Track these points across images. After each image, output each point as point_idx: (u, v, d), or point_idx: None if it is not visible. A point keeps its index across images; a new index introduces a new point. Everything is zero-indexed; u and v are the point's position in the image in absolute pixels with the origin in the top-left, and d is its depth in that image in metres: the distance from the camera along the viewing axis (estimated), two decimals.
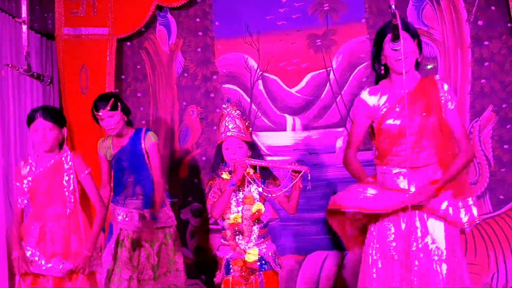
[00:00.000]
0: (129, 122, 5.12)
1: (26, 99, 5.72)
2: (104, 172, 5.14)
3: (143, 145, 5.01)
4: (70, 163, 4.15)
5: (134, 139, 5.04)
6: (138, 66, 6.18)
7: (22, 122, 5.59)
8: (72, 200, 4.13)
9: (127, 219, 4.94)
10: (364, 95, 3.94)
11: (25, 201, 4.15)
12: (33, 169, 4.16)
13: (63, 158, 4.16)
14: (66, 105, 5.94)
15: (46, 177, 4.14)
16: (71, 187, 4.13)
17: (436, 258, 3.68)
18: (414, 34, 3.80)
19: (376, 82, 3.97)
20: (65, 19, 6.01)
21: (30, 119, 4.15)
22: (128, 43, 6.20)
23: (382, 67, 3.84)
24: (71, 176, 4.13)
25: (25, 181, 4.15)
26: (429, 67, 5.36)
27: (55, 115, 4.19)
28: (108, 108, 4.94)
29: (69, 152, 4.20)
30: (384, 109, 3.82)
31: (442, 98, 3.74)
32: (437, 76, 3.93)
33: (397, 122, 3.76)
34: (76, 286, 4.13)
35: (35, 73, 4.43)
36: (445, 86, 3.78)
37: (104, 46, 6.02)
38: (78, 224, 4.16)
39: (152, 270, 4.97)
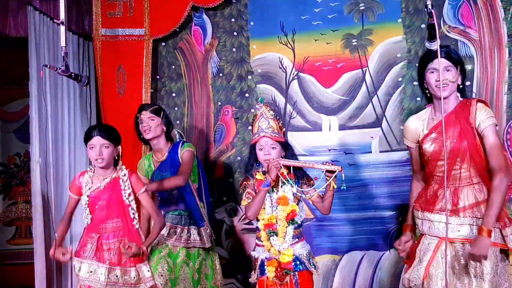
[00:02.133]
0: (169, 137, 5.19)
1: (63, 99, 5.79)
2: None
3: (180, 156, 5.05)
4: (127, 181, 4.28)
5: (172, 152, 5.09)
6: (173, 66, 6.21)
7: (59, 122, 5.68)
8: (136, 216, 4.29)
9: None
10: (409, 119, 4.13)
11: (90, 216, 4.28)
12: (90, 186, 4.27)
13: (120, 176, 4.29)
14: (103, 106, 6.00)
15: (103, 194, 4.26)
16: (133, 203, 4.28)
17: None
18: (457, 62, 3.87)
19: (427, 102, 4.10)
20: (102, 20, 6.07)
21: (88, 137, 4.25)
22: (163, 43, 6.24)
23: (428, 92, 3.96)
24: (129, 192, 4.27)
25: (85, 198, 4.26)
26: (466, 67, 5.30)
27: (111, 133, 4.31)
28: (151, 109, 5.04)
29: (126, 171, 4.31)
30: (422, 134, 3.96)
31: (473, 121, 3.79)
32: (475, 99, 3.99)
33: (432, 147, 3.90)
34: None
35: (72, 74, 4.47)
36: (479, 107, 3.80)
37: (141, 46, 6.06)
38: (136, 237, 4.28)
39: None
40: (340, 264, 5.64)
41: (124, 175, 4.29)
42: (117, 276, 4.19)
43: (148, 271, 4.26)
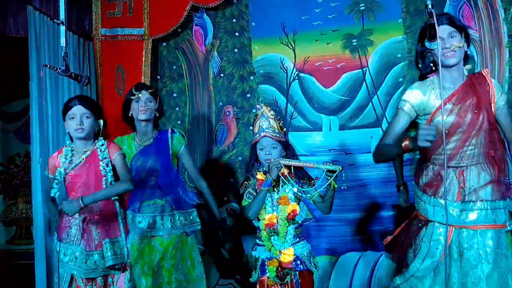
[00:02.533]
0: (157, 124, 5.12)
1: (63, 99, 5.77)
2: None
3: (170, 145, 4.98)
4: (105, 150, 4.19)
5: (159, 139, 5.00)
6: (174, 67, 6.22)
7: (60, 122, 5.66)
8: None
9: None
10: (411, 90, 3.76)
11: (57, 193, 4.14)
12: (69, 161, 4.18)
13: (98, 147, 4.19)
14: (103, 105, 5.98)
15: (84, 170, 4.17)
16: (109, 175, 4.16)
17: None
18: (461, 28, 3.67)
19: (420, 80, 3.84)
20: (102, 20, 6.08)
21: (67, 107, 4.20)
22: (164, 43, 6.25)
23: (431, 64, 3.70)
24: (107, 163, 4.17)
25: (62, 172, 4.15)
26: (466, 66, 5.30)
27: (92, 103, 4.28)
28: (151, 91, 5.01)
29: (103, 141, 4.23)
30: (435, 106, 3.67)
31: (492, 94, 3.64)
32: (486, 70, 3.77)
33: (450, 118, 3.63)
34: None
35: (72, 74, 4.46)
36: (494, 82, 3.69)
37: (140, 46, 6.07)
38: (115, 211, 4.22)
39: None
40: (337, 264, 5.64)
41: (102, 144, 4.20)
42: (95, 262, 4.11)
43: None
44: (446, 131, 3.52)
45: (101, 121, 4.25)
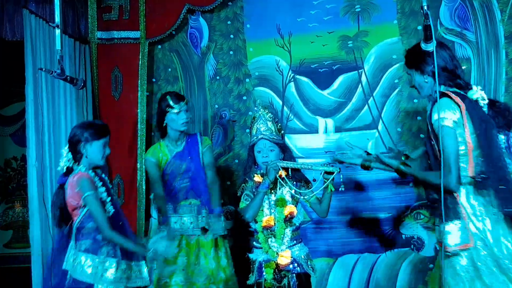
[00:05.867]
0: None
1: (59, 103, 5.77)
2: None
3: (200, 148, 5.10)
4: None
5: (190, 143, 5.12)
6: (169, 69, 6.22)
7: (56, 125, 5.67)
8: None
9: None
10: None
11: None
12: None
13: None
14: (99, 109, 5.99)
15: None
16: None
17: None
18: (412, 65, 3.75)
19: None
20: (98, 23, 6.09)
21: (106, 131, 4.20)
22: (160, 46, 6.24)
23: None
24: None
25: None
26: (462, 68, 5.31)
27: None
28: (186, 102, 5.08)
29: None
30: None
31: None
32: None
33: None
34: None
35: (68, 77, 4.48)
36: None
37: (136, 49, 6.07)
38: None
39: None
40: (334, 267, 5.63)
41: None
42: None
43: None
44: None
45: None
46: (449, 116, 3.43)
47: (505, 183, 3.40)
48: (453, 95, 3.49)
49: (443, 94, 3.51)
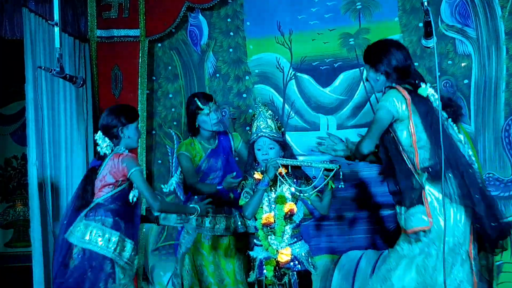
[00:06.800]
0: None
1: (59, 101, 5.77)
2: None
3: (233, 145, 5.24)
4: None
5: (223, 140, 5.23)
6: (169, 67, 6.21)
7: (55, 123, 5.67)
8: None
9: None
10: None
11: None
12: None
13: None
14: (99, 107, 6.00)
15: None
16: None
17: None
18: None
19: None
20: (97, 21, 6.11)
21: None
22: (159, 44, 6.23)
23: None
24: None
25: None
26: (462, 64, 5.30)
27: None
28: (215, 101, 5.16)
29: None
30: None
31: None
32: None
33: None
34: None
35: (67, 75, 4.47)
36: None
37: (136, 47, 6.08)
38: None
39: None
40: (339, 263, 5.62)
41: None
42: None
43: None
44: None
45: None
46: (391, 100, 3.76)
47: (465, 173, 3.66)
48: (400, 88, 3.79)
49: (392, 88, 3.86)
